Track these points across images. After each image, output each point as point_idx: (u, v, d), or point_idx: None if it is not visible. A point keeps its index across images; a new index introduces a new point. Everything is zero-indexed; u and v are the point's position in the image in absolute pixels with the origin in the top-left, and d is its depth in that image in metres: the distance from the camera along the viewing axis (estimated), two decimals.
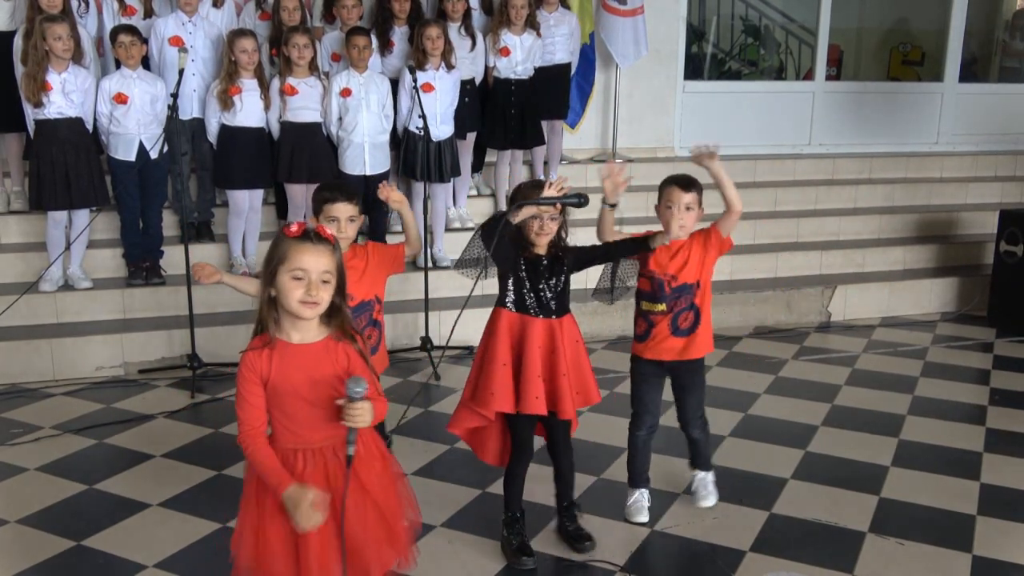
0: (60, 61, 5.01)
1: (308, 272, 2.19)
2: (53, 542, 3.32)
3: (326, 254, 2.23)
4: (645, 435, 3.52)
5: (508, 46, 6.13)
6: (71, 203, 5.13)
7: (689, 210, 3.28)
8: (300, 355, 2.25)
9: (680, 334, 3.39)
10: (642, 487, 3.57)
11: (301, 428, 2.26)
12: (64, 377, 4.99)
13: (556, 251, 3.16)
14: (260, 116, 5.49)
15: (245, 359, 2.25)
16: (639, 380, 3.48)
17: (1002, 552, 3.34)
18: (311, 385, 2.24)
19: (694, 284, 3.37)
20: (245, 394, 2.25)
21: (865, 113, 8.29)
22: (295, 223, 2.26)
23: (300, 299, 2.19)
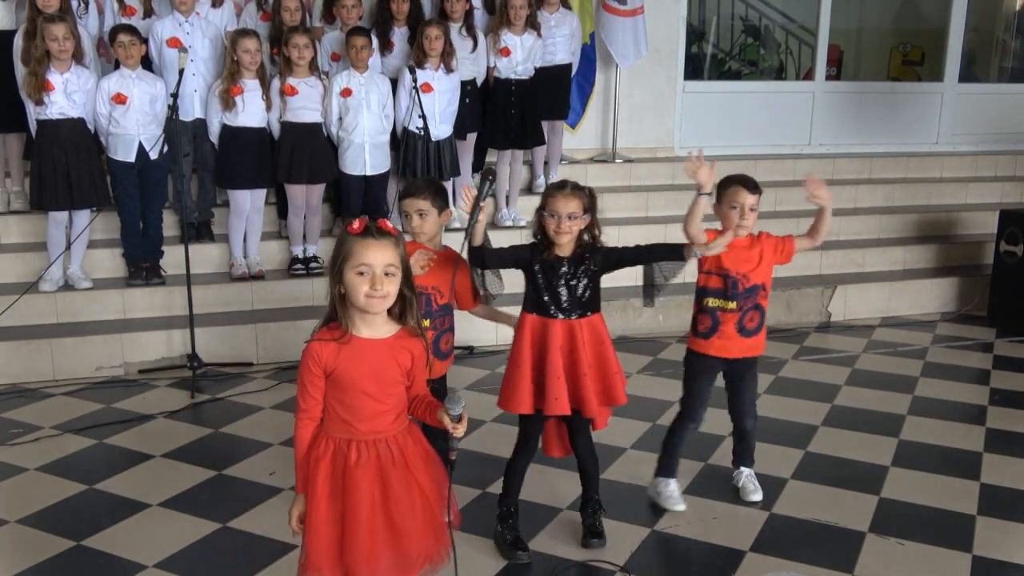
0: (61, 61, 5.01)
1: (372, 267, 2.22)
2: (53, 542, 3.32)
3: (388, 247, 2.26)
4: (695, 428, 3.59)
5: (508, 46, 6.13)
6: (72, 203, 5.13)
7: (753, 211, 3.39)
8: (368, 350, 2.29)
9: (746, 334, 3.45)
10: (675, 477, 3.63)
11: (358, 421, 2.30)
12: (64, 377, 4.99)
13: (582, 251, 3.15)
14: (262, 116, 5.49)
15: (311, 349, 2.29)
16: (698, 374, 3.52)
17: (1002, 552, 3.34)
18: (375, 380, 2.29)
19: (760, 286, 3.45)
20: (307, 383, 2.30)
21: (865, 113, 8.29)
22: (357, 220, 2.29)
23: (367, 294, 2.22)
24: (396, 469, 2.32)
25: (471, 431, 4.31)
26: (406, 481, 2.33)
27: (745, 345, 3.48)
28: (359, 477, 2.28)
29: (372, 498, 2.29)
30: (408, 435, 2.38)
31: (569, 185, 3.12)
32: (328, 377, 2.30)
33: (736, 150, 7.84)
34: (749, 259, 3.43)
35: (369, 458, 2.30)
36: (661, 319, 5.89)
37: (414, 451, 2.37)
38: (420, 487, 2.36)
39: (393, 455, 2.32)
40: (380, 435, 2.32)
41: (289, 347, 5.26)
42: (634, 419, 4.47)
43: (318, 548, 2.29)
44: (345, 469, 2.29)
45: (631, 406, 4.53)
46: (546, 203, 3.10)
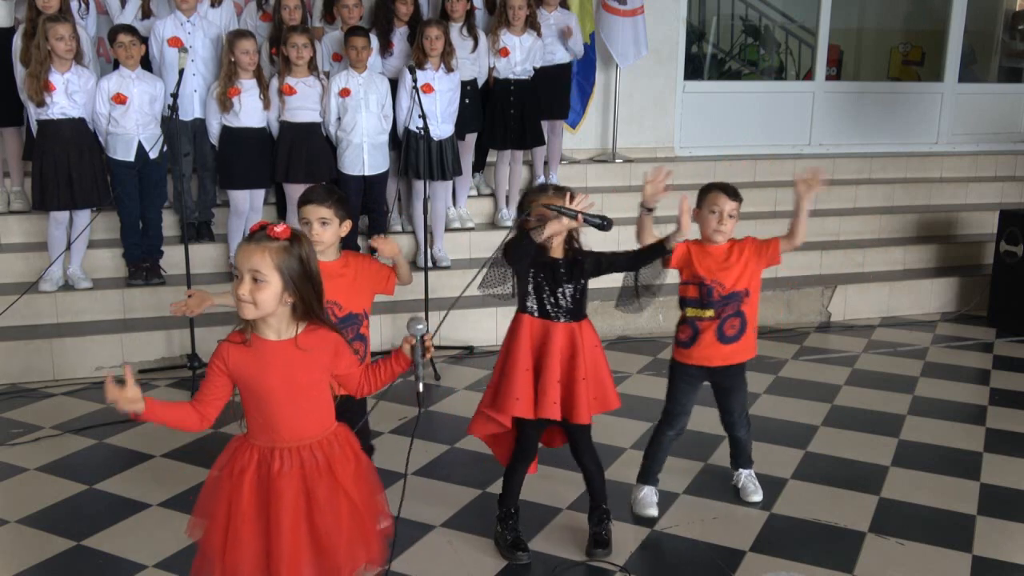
0: (63, 62, 5.01)
1: (240, 270, 2.17)
2: (53, 542, 3.32)
3: (256, 253, 2.15)
4: (674, 435, 3.56)
5: (507, 47, 6.13)
6: (74, 203, 5.13)
7: (731, 218, 3.37)
8: (274, 353, 2.24)
9: (726, 341, 3.42)
10: (652, 484, 3.60)
11: (278, 426, 2.25)
12: (64, 377, 4.99)
13: (574, 254, 3.14)
14: (261, 116, 5.48)
15: (220, 347, 2.26)
16: (679, 382, 3.50)
17: (1002, 552, 3.34)
18: (287, 383, 2.24)
19: (743, 292, 3.41)
20: (208, 373, 2.28)
21: (865, 113, 8.29)
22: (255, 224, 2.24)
23: (237, 297, 2.18)
24: (321, 476, 2.26)
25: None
26: (331, 488, 2.27)
27: (726, 352, 3.44)
28: (283, 486, 2.23)
29: (296, 507, 2.24)
30: (335, 439, 2.32)
31: (551, 188, 3.10)
32: (240, 385, 2.26)
33: (736, 150, 7.84)
34: (725, 266, 3.40)
35: (292, 466, 2.25)
36: (661, 319, 5.89)
37: (341, 456, 2.32)
38: (347, 494, 2.30)
39: (318, 461, 2.27)
40: (303, 441, 2.27)
41: None
42: (634, 419, 4.47)
43: (243, 561, 2.24)
44: (269, 478, 2.24)
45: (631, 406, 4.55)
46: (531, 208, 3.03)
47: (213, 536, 2.27)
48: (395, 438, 4.28)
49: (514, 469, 3.29)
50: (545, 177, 6.75)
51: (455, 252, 6.12)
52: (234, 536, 2.24)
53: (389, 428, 4.39)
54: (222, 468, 2.31)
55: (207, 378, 2.27)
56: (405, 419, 4.48)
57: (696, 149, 7.89)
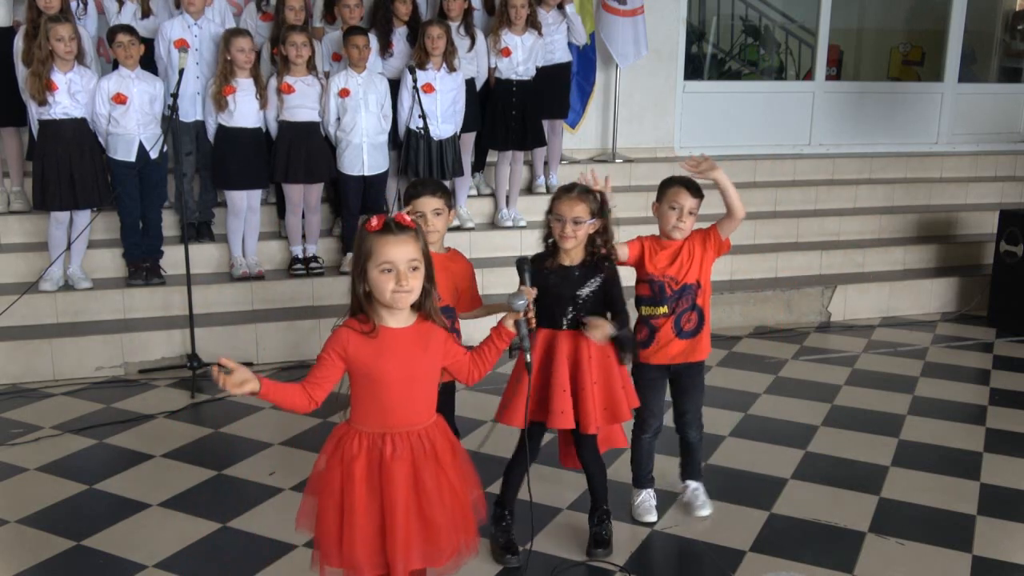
0: (64, 62, 5.01)
1: (395, 263, 2.23)
2: (53, 542, 3.32)
3: (410, 242, 2.27)
4: (650, 437, 3.54)
5: (509, 46, 6.13)
6: (75, 203, 5.14)
7: (691, 215, 3.31)
8: (397, 340, 2.31)
9: (684, 336, 3.38)
10: (648, 487, 3.59)
11: (391, 412, 2.32)
12: (64, 377, 4.99)
13: (594, 261, 3.10)
14: (257, 116, 5.47)
15: (339, 333, 2.31)
16: (643, 385, 3.44)
17: (1002, 552, 3.34)
18: (406, 369, 2.31)
19: (695, 284, 3.35)
20: (325, 357, 2.31)
21: (865, 113, 8.29)
22: (375, 217, 2.29)
23: (393, 290, 2.24)
24: (428, 462, 2.34)
25: (470, 431, 4.32)
26: (436, 475, 2.35)
27: (685, 347, 3.38)
28: (396, 469, 2.30)
29: (407, 489, 2.31)
30: (436, 429, 2.40)
31: (577, 188, 3.07)
32: (355, 371, 2.31)
33: (736, 150, 7.84)
34: (676, 262, 3.33)
35: (404, 450, 2.32)
36: None
37: (443, 445, 2.39)
38: (449, 481, 2.38)
39: (425, 448, 2.34)
40: (413, 427, 2.34)
41: (289, 347, 5.27)
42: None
43: (359, 546, 2.29)
44: (381, 462, 2.30)
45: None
46: (553, 206, 3.06)
47: (328, 525, 2.33)
48: None
49: (512, 471, 3.28)
50: (545, 177, 6.75)
51: None
52: (349, 522, 2.29)
53: None
54: (329, 457, 2.36)
55: (321, 362, 2.31)
56: None
57: (696, 149, 7.81)
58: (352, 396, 2.37)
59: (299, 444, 4.17)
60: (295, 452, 4.09)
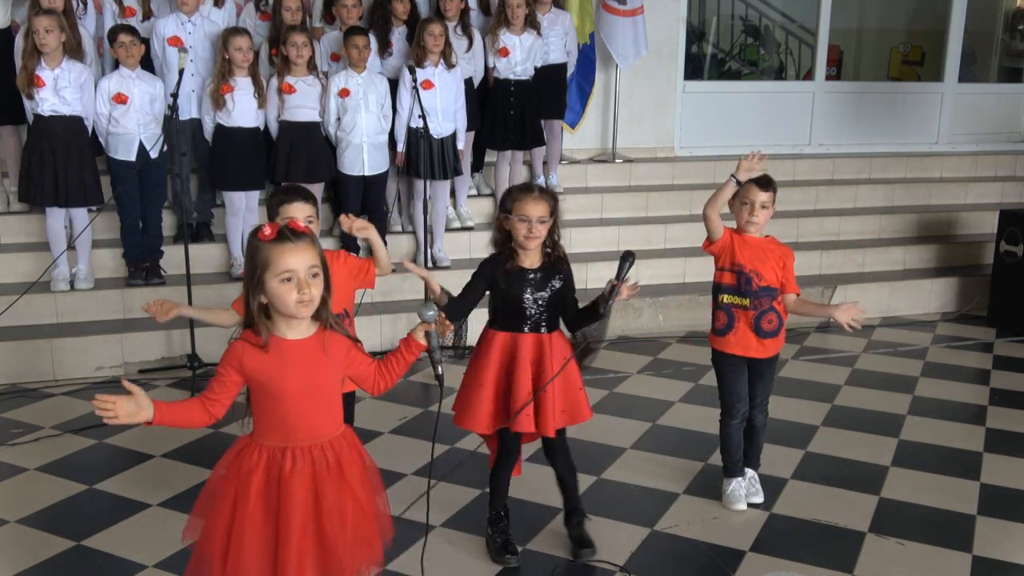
0: (50, 56, 4.98)
1: (296, 271, 2.15)
2: (53, 542, 3.32)
3: (309, 248, 2.19)
4: (738, 424, 3.57)
5: (507, 46, 6.13)
6: (56, 200, 5.11)
7: (764, 208, 3.38)
8: (295, 352, 2.23)
9: (764, 335, 3.44)
10: (738, 475, 3.62)
11: (293, 426, 2.24)
12: (64, 377, 4.99)
13: (550, 262, 3.09)
14: (255, 116, 5.47)
15: (235, 347, 2.23)
16: (727, 372, 3.52)
17: (1002, 552, 3.34)
18: (307, 381, 2.23)
19: (777, 289, 3.43)
20: (222, 373, 2.24)
21: (865, 113, 8.29)
22: (267, 226, 2.20)
23: (296, 300, 2.16)
24: (331, 477, 2.26)
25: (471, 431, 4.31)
26: (339, 490, 2.27)
27: (762, 345, 3.46)
28: (294, 486, 2.22)
29: (305, 507, 2.23)
30: (344, 440, 2.32)
31: (536, 188, 3.05)
32: (254, 385, 2.24)
33: (736, 150, 7.75)
34: (763, 258, 3.41)
35: (304, 465, 2.24)
36: (661, 319, 5.89)
37: (350, 457, 2.31)
38: (354, 495, 2.30)
39: (328, 461, 2.26)
40: (316, 440, 2.26)
41: None
42: (634, 419, 4.47)
43: (246, 563, 2.22)
44: (280, 478, 2.23)
45: (631, 406, 4.55)
46: (514, 207, 2.99)
47: (214, 538, 2.25)
48: (395, 438, 4.28)
49: (497, 472, 3.27)
50: (545, 177, 6.75)
51: (455, 252, 6.11)
52: (238, 537, 2.22)
53: (389, 428, 4.39)
54: (227, 468, 2.29)
55: (219, 376, 2.24)
56: (405, 419, 4.48)
57: (696, 149, 7.88)
58: (253, 409, 2.29)
59: None
60: None
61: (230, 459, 2.30)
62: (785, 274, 3.46)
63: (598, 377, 4.98)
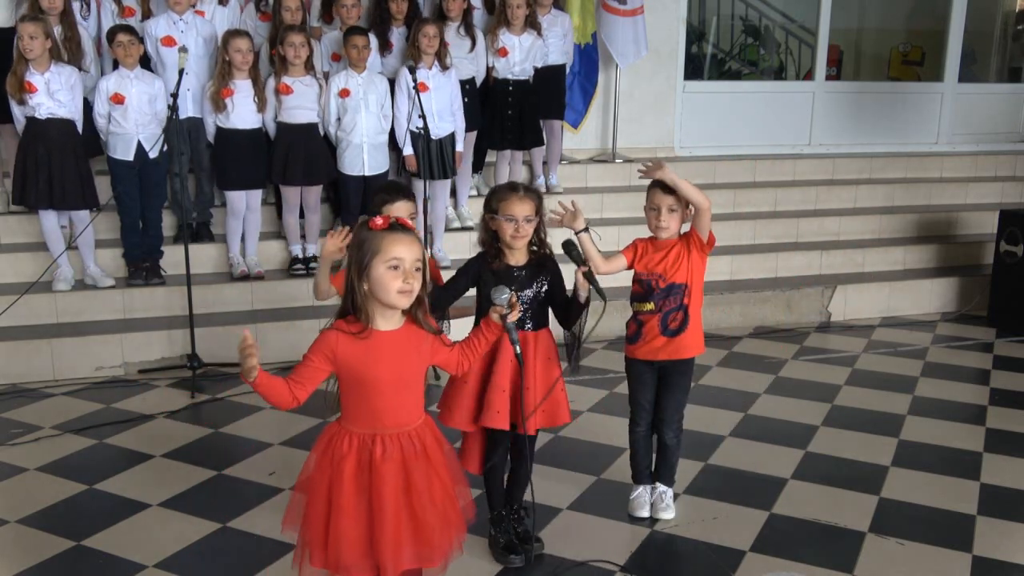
0: (38, 62, 4.98)
1: (403, 261, 2.24)
2: (53, 542, 3.32)
3: (416, 243, 2.29)
4: (644, 431, 3.54)
5: (506, 46, 6.13)
6: (51, 203, 5.11)
7: (672, 212, 3.33)
8: (388, 342, 2.31)
9: (669, 334, 3.39)
10: (645, 483, 3.59)
11: (382, 414, 2.32)
12: (64, 377, 4.99)
13: (537, 259, 3.09)
14: (255, 117, 5.47)
15: (328, 335, 2.31)
16: (632, 379, 3.51)
17: (1002, 552, 3.34)
18: (396, 371, 2.31)
19: (683, 285, 3.38)
20: (311, 359, 2.30)
21: (865, 113, 8.29)
22: (380, 216, 2.30)
23: (399, 288, 2.24)
24: (418, 461, 2.34)
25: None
26: (427, 473, 2.35)
27: (670, 345, 3.39)
28: (385, 471, 2.30)
29: (397, 490, 2.31)
30: (426, 428, 2.40)
31: (521, 187, 3.05)
32: (344, 373, 2.31)
33: (736, 150, 7.85)
34: (664, 261, 3.36)
35: (394, 451, 2.32)
36: None
37: (433, 444, 2.40)
38: (440, 479, 2.38)
39: (416, 447, 2.35)
40: (404, 428, 2.34)
41: (289, 347, 5.25)
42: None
43: (346, 547, 2.29)
44: (371, 464, 2.30)
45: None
46: (500, 207, 3.00)
47: (314, 524, 2.32)
48: None
49: (491, 472, 3.25)
50: (545, 177, 6.75)
51: (455, 252, 6.11)
52: (336, 522, 2.29)
53: None
54: (320, 456, 2.35)
55: (307, 362, 2.30)
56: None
57: (696, 149, 7.89)
58: (342, 397, 2.36)
59: (299, 444, 4.16)
60: (295, 452, 4.08)
61: (321, 448, 2.37)
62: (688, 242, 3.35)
63: (597, 377, 4.98)
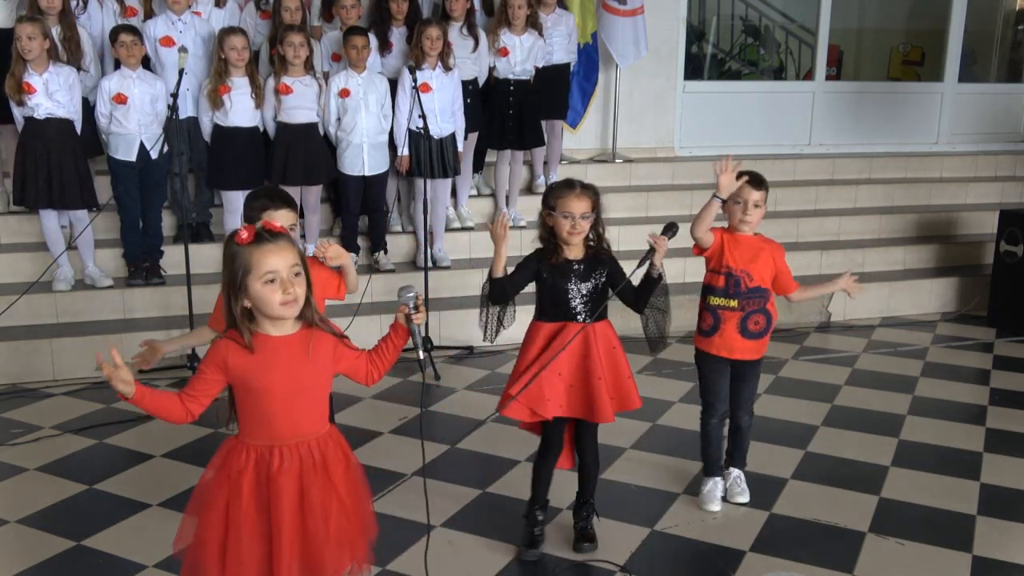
0: (36, 63, 4.98)
1: (279, 272, 2.15)
2: (53, 542, 3.32)
3: (288, 248, 2.19)
4: (717, 423, 3.58)
5: (507, 46, 6.12)
6: (51, 203, 5.11)
7: (757, 207, 3.38)
8: (281, 348, 2.22)
9: (749, 336, 3.43)
10: (716, 475, 3.63)
11: (278, 424, 2.23)
12: (64, 377, 4.99)
13: (593, 253, 3.13)
14: (252, 116, 5.46)
15: (219, 345, 2.23)
16: (708, 372, 3.53)
17: (1002, 552, 3.34)
18: (290, 376, 2.22)
19: (767, 290, 3.42)
20: (204, 371, 2.23)
21: (865, 113, 8.29)
22: (244, 229, 2.20)
23: (281, 301, 2.16)
24: (317, 475, 2.26)
25: (471, 431, 4.32)
26: (324, 489, 2.27)
27: (747, 347, 3.46)
28: (282, 484, 2.22)
29: (292, 505, 2.23)
30: (329, 439, 2.32)
31: (578, 184, 3.09)
32: (238, 384, 2.23)
33: (736, 150, 7.74)
34: (754, 259, 3.40)
35: (292, 463, 2.24)
36: None
37: (335, 457, 2.31)
38: (338, 494, 2.29)
39: (315, 459, 2.26)
40: (303, 439, 2.26)
41: None
42: (634, 419, 4.46)
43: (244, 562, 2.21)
44: (268, 476, 2.23)
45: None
46: (556, 204, 3.05)
47: (208, 544, 2.24)
48: (395, 438, 4.28)
49: (538, 468, 3.29)
50: (545, 177, 6.74)
51: (455, 252, 6.12)
52: (235, 539, 2.21)
53: (389, 428, 4.38)
54: (216, 471, 2.28)
55: (200, 374, 2.24)
56: (405, 419, 4.48)
57: (696, 149, 7.89)
58: (238, 409, 2.28)
59: None
60: None
61: (218, 462, 2.30)
62: (779, 271, 3.46)
63: None
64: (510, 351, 5.30)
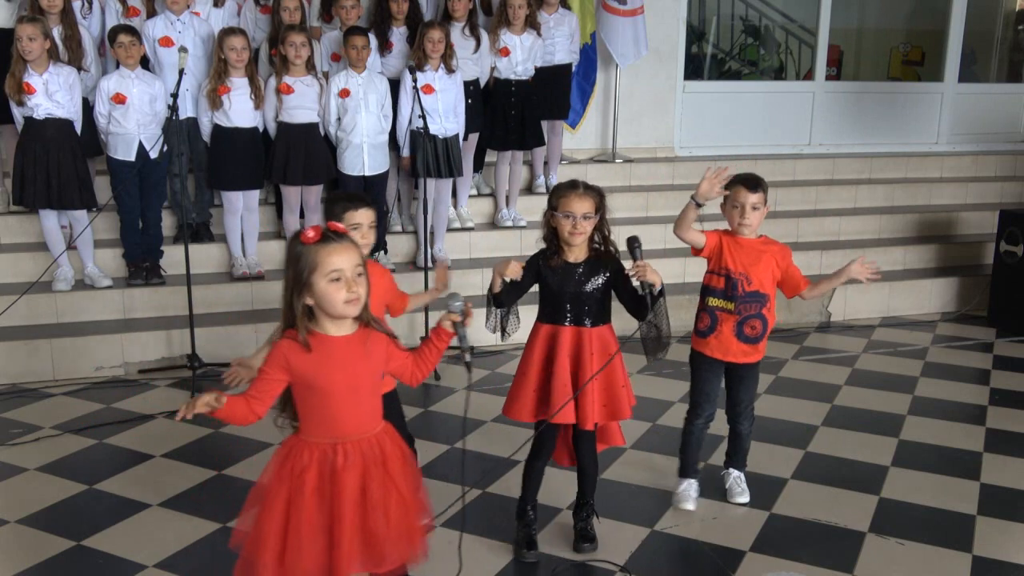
0: (36, 63, 4.98)
1: (344, 271, 2.21)
2: (53, 542, 3.32)
3: (352, 249, 2.26)
4: (703, 424, 3.57)
5: (508, 46, 6.13)
6: (49, 203, 5.12)
7: (756, 210, 3.35)
8: (341, 348, 2.28)
9: (745, 340, 3.42)
10: (692, 477, 3.61)
11: (340, 422, 2.29)
12: (64, 377, 4.99)
13: (597, 256, 3.12)
14: (252, 116, 5.47)
15: (281, 345, 2.27)
16: (700, 372, 3.52)
17: (1002, 552, 3.34)
18: (351, 376, 2.28)
19: (766, 295, 3.40)
20: (266, 372, 2.27)
21: (865, 113, 8.29)
22: (310, 229, 2.25)
23: (345, 299, 2.21)
24: (377, 469, 2.31)
25: (472, 431, 4.32)
26: (384, 482, 2.31)
27: (742, 350, 3.44)
28: (347, 479, 2.26)
29: (355, 500, 2.27)
30: (385, 435, 2.37)
31: (581, 184, 3.09)
32: (299, 383, 2.27)
33: (736, 150, 7.84)
34: (755, 263, 3.38)
35: (355, 458, 2.29)
36: None
37: (392, 452, 2.36)
38: (397, 488, 2.34)
39: (375, 455, 2.32)
40: (364, 434, 2.31)
41: None
42: (634, 419, 4.44)
43: (304, 558, 2.24)
44: (332, 473, 2.27)
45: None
46: (559, 204, 3.05)
47: (266, 542, 2.26)
48: None
49: (531, 467, 3.29)
50: (545, 177, 6.74)
51: (455, 252, 6.12)
52: (295, 536, 2.25)
53: None
54: (277, 470, 2.31)
55: (262, 375, 2.28)
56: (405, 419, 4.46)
57: (696, 149, 7.89)
58: (299, 408, 2.32)
59: None
60: None
61: (279, 461, 2.33)
62: (786, 272, 3.45)
63: None
64: (510, 351, 5.30)
